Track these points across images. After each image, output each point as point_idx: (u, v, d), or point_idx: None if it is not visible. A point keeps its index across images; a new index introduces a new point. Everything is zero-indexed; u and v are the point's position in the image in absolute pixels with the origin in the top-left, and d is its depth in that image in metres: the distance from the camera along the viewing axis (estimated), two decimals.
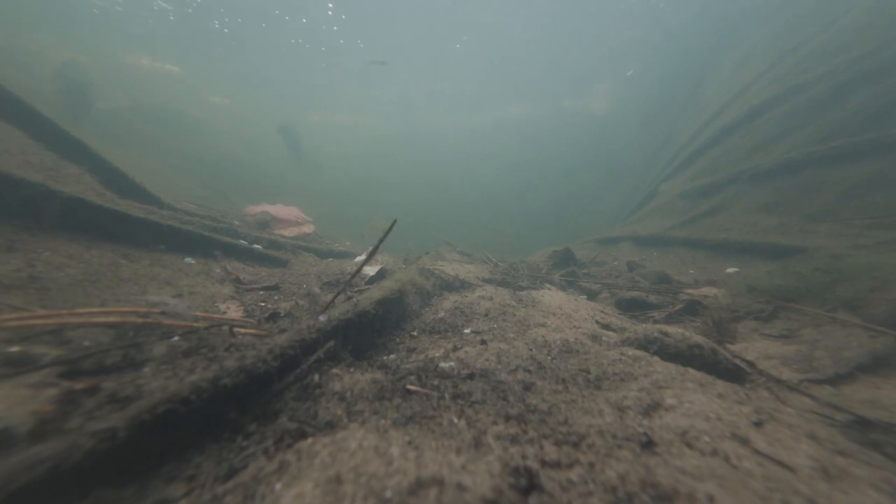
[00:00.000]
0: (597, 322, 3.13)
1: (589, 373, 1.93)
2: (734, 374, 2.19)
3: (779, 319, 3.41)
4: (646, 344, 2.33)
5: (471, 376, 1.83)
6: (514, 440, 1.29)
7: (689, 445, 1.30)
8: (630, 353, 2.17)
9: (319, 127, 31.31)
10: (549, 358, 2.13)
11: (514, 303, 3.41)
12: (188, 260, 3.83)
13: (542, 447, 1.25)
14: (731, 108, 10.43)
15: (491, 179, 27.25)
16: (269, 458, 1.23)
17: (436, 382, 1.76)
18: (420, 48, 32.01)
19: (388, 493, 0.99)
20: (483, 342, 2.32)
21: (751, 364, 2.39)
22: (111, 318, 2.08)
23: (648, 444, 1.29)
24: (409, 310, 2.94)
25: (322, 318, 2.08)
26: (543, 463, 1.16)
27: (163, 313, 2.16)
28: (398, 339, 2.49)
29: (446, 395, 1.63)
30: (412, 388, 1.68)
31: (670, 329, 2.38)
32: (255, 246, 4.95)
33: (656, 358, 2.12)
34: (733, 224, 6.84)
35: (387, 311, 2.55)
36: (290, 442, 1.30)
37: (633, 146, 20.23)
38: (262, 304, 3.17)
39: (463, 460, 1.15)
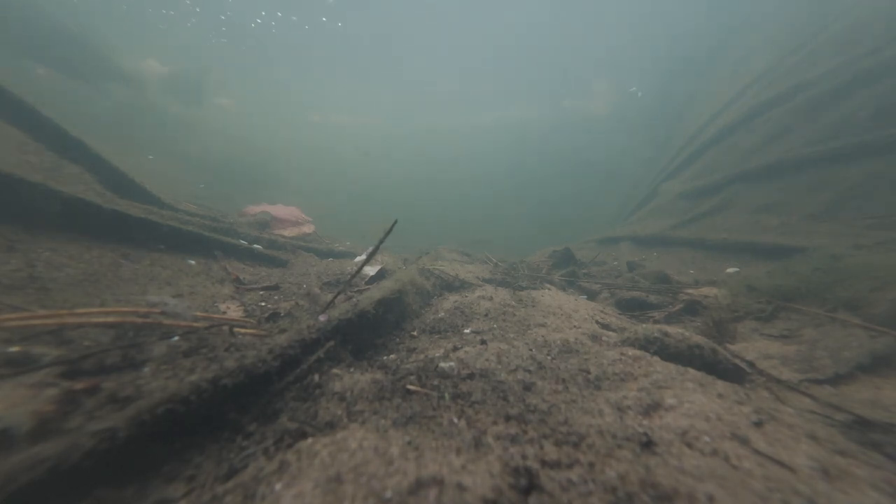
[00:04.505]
0: (597, 322, 3.12)
1: (589, 373, 1.93)
2: (734, 374, 2.19)
3: (779, 319, 3.41)
4: (646, 344, 2.32)
5: (471, 376, 1.83)
6: (514, 440, 1.29)
7: (689, 445, 1.30)
8: (630, 353, 2.17)
9: (319, 126, 31.30)
10: (549, 358, 2.13)
11: (514, 303, 3.40)
12: (189, 260, 3.83)
13: (542, 447, 1.25)
14: (731, 107, 10.44)
15: (491, 179, 27.25)
16: (269, 458, 1.23)
17: (436, 382, 1.76)
18: (421, 48, 32.03)
19: (388, 493, 0.99)
20: (483, 342, 2.31)
21: (751, 364, 2.39)
22: (111, 318, 2.08)
23: (648, 444, 1.29)
24: (409, 310, 2.94)
25: (322, 318, 2.08)
26: (543, 463, 1.16)
27: (163, 313, 2.17)
28: (398, 339, 2.49)
29: (446, 395, 1.63)
30: (412, 388, 1.68)
31: (670, 329, 2.38)
32: (255, 246, 4.95)
33: (656, 358, 2.12)
34: (733, 224, 6.84)
35: (387, 311, 2.54)
36: (290, 442, 1.30)
37: (633, 146, 20.24)
38: (262, 304, 3.17)
39: (463, 460, 1.15)
